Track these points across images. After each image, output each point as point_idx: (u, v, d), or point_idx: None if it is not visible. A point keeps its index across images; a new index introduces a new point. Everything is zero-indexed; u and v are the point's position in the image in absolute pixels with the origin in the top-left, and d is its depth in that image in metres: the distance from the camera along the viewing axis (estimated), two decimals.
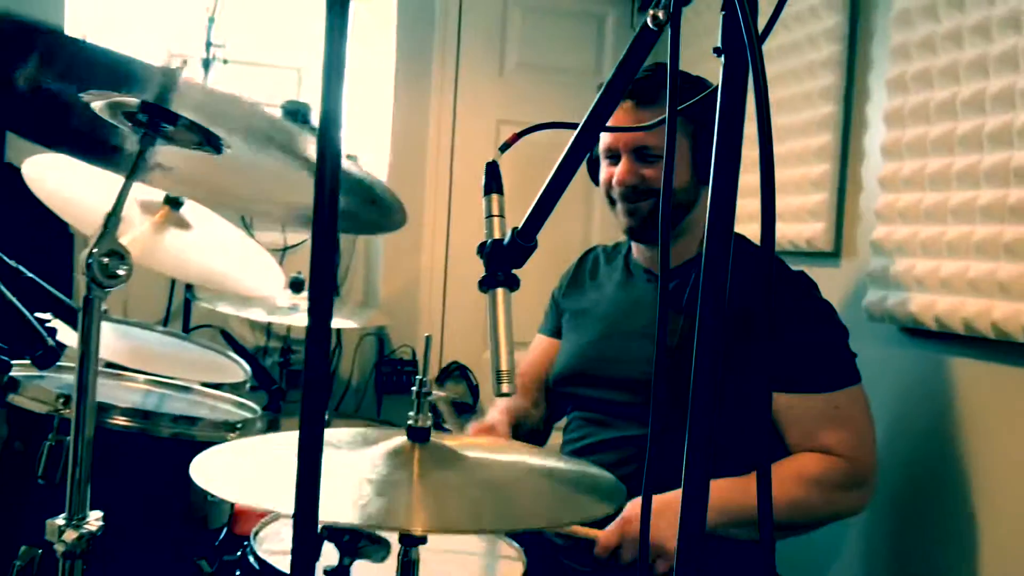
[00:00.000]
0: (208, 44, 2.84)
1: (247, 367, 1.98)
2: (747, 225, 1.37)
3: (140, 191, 1.71)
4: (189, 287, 2.90)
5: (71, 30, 3.04)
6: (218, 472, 1.08)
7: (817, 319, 1.57)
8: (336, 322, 2.54)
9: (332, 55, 0.69)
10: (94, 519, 1.03)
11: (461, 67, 3.32)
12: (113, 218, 1.04)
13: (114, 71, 1.00)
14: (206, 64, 2.85)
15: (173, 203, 1.88)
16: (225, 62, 2.91)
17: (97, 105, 1.10)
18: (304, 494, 0.71)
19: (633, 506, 1.40)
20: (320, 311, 0.69)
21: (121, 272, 1.07)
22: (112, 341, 1.90)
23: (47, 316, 1.45)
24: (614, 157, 1.62)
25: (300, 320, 2.49)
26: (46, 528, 1.04)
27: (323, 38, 0.70)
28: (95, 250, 1.04)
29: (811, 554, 2.05)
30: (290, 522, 1.55)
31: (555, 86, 3.32)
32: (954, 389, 1.71)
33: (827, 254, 2.11)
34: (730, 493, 1.40)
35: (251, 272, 2.11)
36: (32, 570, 1.26)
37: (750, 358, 1.42)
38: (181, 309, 2.99)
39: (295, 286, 2.59)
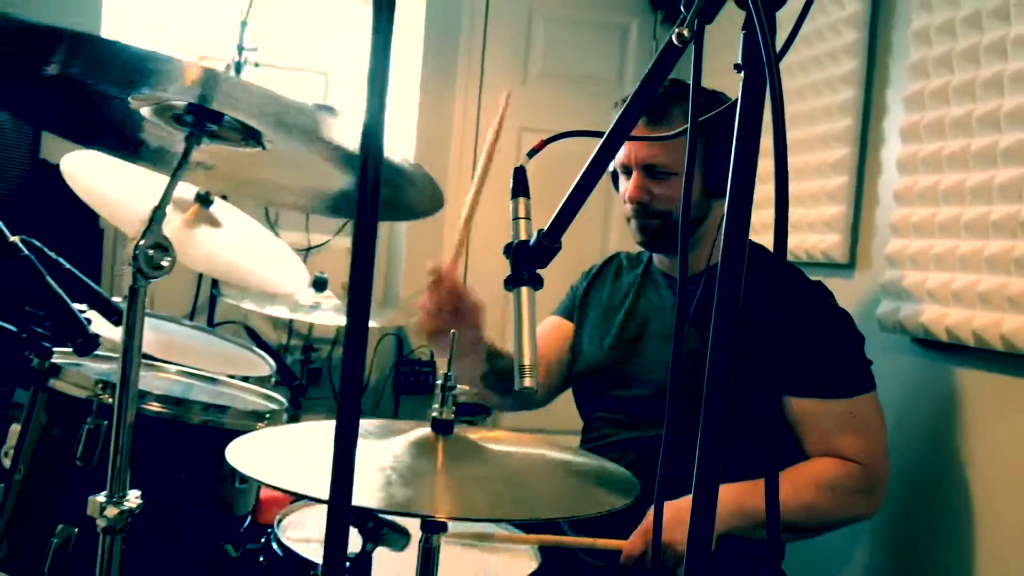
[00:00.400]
0: (240, 48, 2.91)
1: (272, 362, 2.03)
2: (764, 235, 1.41)
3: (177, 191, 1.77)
4: (215, 283, 2.97)
5: (107, 33, 3.13)
6: (252, 457, 1.13)
7: (835, 327, 1.61)
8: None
9: (377, 63, 0.74)
10: (133, 497, 1.09)
11: (486, 74, 3.38)
12: (159, 212, 1.10)
13: (159, 72, 1.05)
14: (238, 67, 2.92)
15: (204, 201, 1.95)
16: (256, 65, 2.98)
17: (144, 109, 1.16)
18: (339, 479, 0.76)
19: (650, 516, 1.44)
20: (359, 303, 0.74)
21: (165, 263, 1.13)
22: (144, 332, 1.96)
23: (83, 307, 1.51)
24: (628, 172, 1.67)
25: (322, 318, 2.54)
26: (88, 504, 1.09)
27: (369, 47, 0.74)
28: (142, 242, 1.10)
29: (819, 559, 2.08)
30: (311, 511, 1.61)
31: (577, 95, 3.37)
32: (963, 399, 1.74)
33: (842, 265, 2.15)
34: (749, 496, 1.44)
35: (276, 270, 2.17)
36: (68, 547, 1.32)
37: (764, 363, 1.47)
38: (207, 305, 3.06)
39: (318, 285, 2.65)
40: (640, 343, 1.73)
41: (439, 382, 1.15)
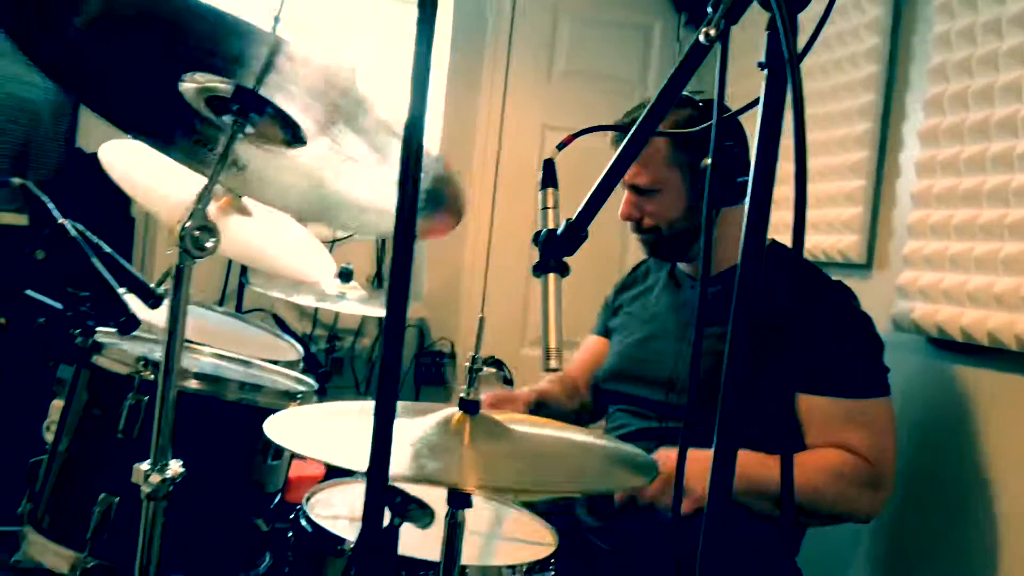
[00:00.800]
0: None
1: (300, 347, 2.09)
2: (783, 235, 1.45)
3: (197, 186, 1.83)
4: (244, 271, 3.03)
5: None
6: (289, 433, 1.18)
7: (853, 327, 1.62)
8: (378, 311, 2.65)
9: (420, 60, 0.79)
10: (176, 466, 1.15)
11: (511, 72, 3.43)
12: (206, 193, 1.15)
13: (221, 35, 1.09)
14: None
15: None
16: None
17: (190, 92, 1.22)
18: (378, 452, 0.81)
19: (662, 452, 1.48)
20: (399, 285, 0.79)
21: (209, 244, 1.19)
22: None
23: (122, 289, 1.57)
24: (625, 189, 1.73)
25: (347, 308, 2.60)
26: (132, 472, 1.15)
27: (413, 44, 0.79)
28: (188, 223, 1.15)
29: (833, 556, 2.12)
30: (338, 490, 1.67)
31: (600, 94, 3.41)
32: (977, 399, 1.77)
33: (859, 265, 2.18)
34: (757, 466, 1.46)
35: (304, 259, 2.23)
36: (109, 515, 1.38)
37: (778, 358, 1.51)
38: (235, 292, 3.12)
39: (343, 276, 2.71)
40: (659, 341, 1.77)
41: (467, 364, 1.20)
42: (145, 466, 1.14)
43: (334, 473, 2.02)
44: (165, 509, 1.16)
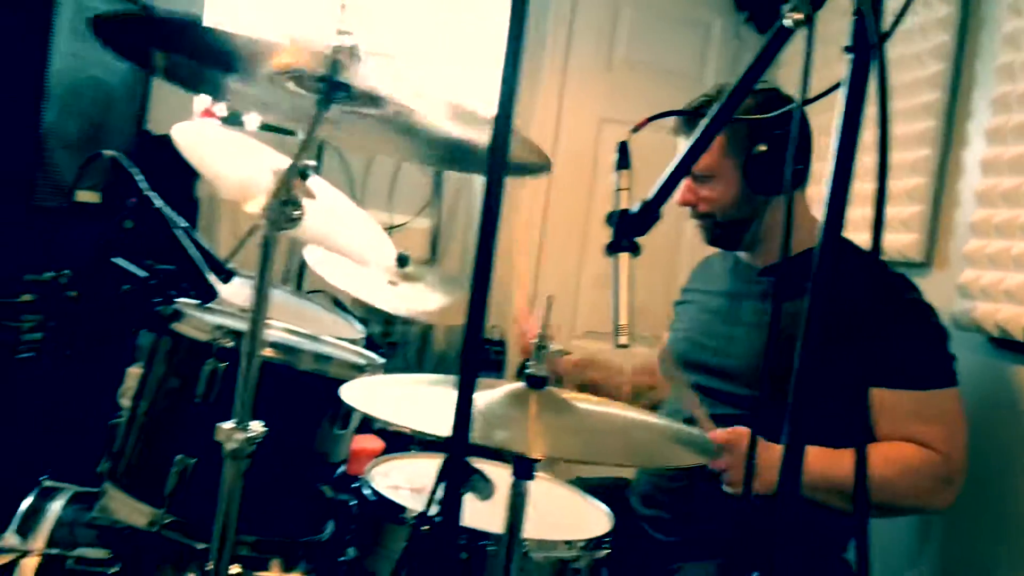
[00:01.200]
0: (338, 33, 3.03)
1: (361, 327, 2.15)
2: (848, 231, 1.46)
3: (276, 162, 1.90)
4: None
5: (208, 20, 3.29)
6: (365, 400, 1.23)
7: (916, 318, 1.63)
8: (430, 300, 2.70)
9: (513, 38, 0.83)
10: (257, 426, 1.20)
11: (570, 61, 3.47)
12: (293, 169, 1.21)
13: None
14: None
15: (302, 173, 2.07)
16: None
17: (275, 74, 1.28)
18: (460, 418, 0.86)
19: (738, 430, 1.49)
20: (483, 262, 0.83)
21: (295, 216, 1.24)
22: (248, 292, 2.10)
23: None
24: None
25: (403, 293, 2.65)
26: (216, 431, 1.21)
27: (506, 33, 0.83)
28: (275, 198, 1.21)
29: (882, 555, 2.12)
30: (398, 464, 1.72)
31: (658, 87, 3.42)
32: None
33: (919, 264, 2.18)
34: (829, 460, 1.48)
35: (364, 243, 2.28)
36: (187, 475, 1.45)
37: (846, 352, 1.51)
38: (296, 273, 3.20)
39: (401, 261, 2.76)
40: (721, 330, 1.79)
41: (534, 342, 1.24)
42: (229, 425, 1.20)
43: (392, 448, 2.08)
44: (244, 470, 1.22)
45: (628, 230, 1.10)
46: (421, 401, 1.27)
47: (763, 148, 1.59)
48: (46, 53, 2.34)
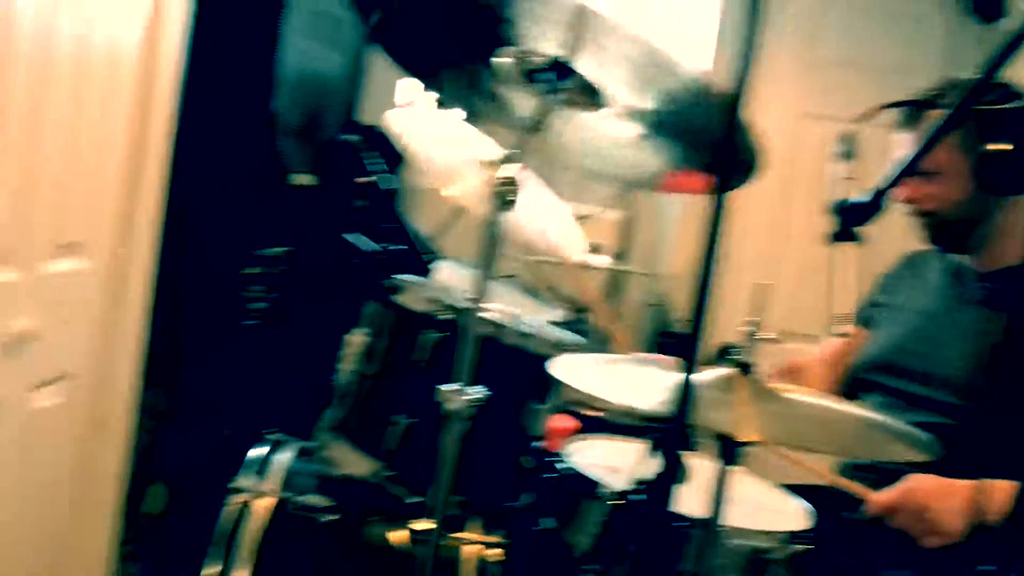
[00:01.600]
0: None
1: (557, 312, 2.23)
2: None
3: (485, 152, 1.99)
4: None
5: None
6: (571, 376, 1.30)
7: None
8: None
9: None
10: (477, 390, 1.30)
11: (771, 55, 3.41)
12: (514, 155, 1.30)
13: None
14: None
15: (507, 160, 2.16)
16: None
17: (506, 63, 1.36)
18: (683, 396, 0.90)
19: (915, 479, 1.45)
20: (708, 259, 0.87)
21: (512, 198, 1.33)
22: (451, 272, 2.23)
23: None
24: None
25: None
26: (437, 393, 1.32)
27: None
28: (495, 179, 1.30)
29: None
30: (593, 442, 1.77)
31: (862, 84, 3.30)
32: None
33: None
34: None
35: (559, 231, 2.36)
36: (406, 433, 1.57)
37: None
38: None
39: (593, 251, 2.83)
40: (933, 335, 1.73)
41: (750, 330, 1.26)
42: (450, 388, 1.31)
43: (588, 428, 2.13)
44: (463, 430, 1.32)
45: (853, 219, 1.10)
46: (625, 380, 1.32)
47: (1001, 146, 1.52)
48: (276, 50, 2.57)
